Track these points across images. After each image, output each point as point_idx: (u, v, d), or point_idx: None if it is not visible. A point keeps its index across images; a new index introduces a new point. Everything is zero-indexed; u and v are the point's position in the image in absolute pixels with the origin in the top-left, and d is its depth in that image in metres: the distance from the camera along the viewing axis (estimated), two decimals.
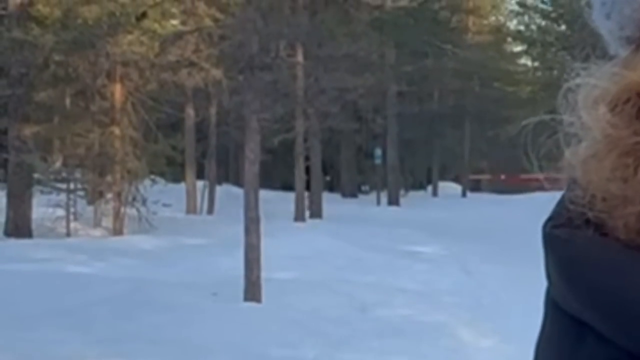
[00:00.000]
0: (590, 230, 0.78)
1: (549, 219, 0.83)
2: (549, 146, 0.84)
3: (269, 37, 15.04)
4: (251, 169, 11.44)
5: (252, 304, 10.78)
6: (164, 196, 21.61)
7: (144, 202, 20.74)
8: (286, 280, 12.52)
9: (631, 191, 0.76)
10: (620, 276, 0.75)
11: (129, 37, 18.64)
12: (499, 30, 48.13)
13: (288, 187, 30.43)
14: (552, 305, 0.82)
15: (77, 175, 21.12)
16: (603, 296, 0.75)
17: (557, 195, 0.86)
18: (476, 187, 48.76)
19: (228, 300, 10.82)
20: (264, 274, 11.09)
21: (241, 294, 10.92)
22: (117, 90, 20.35)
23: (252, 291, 10.95)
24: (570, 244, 0.79)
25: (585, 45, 0.86)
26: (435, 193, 43.26)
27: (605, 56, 0.84)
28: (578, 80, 0.82)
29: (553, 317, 0.82)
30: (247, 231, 11.20)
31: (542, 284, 0.86)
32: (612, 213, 0.77)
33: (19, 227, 18.77)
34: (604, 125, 0.78)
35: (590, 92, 0.80)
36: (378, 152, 34.93)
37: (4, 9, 19.20)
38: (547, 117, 0.84)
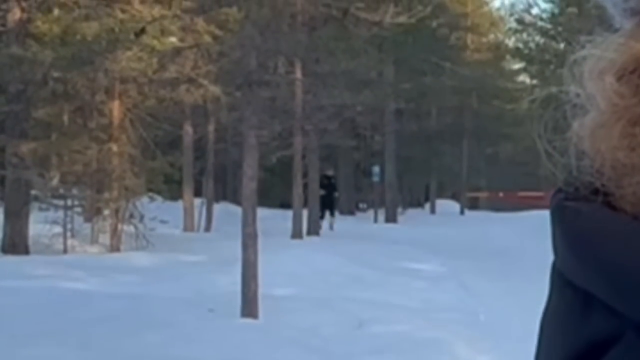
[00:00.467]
0: (598, 202, 0.78)
1: (557, 191, 0.83)
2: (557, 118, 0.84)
3: (267, 54, 15.06)
4: (249, 184, 11.43)
5: (249, 320, 10.75)
6: (162, 213, 21.57)
7: (141, 219, 20.70)
8: (283, 296, 12.49)
9: (639, 160, 0.77)
10: (628, 247, 0.74)
11: (128, 53, 18.63)
12: (498, 48, 48.25)
13: (286, 205, 30.38)
14: (558, 277, 0.82)
15: (75, 192, 21.08)
16: (610, 267, 0.75)
17: None
18: (474, 204, 48.75)
19: (225, 316, 10.79)
20: (261, 291, 11.06)
21: (238, 311, 10.89)
22: (116, 107, 20.34)
23: (249, 307, 10.92)
24: (578, 214, 0.79)
25: None
26: (433, 210, 43.17)
27: (609, 29, 0.84)
28: (584, 52, 0.82)
29: (559, 290, 0.82)
30: (245, 247, 11.18)
31: (541, 300, 0.84)
32: (621, 182, 0.77)
33: (16, 244, 18.71)
34: (611, 95, 0.78)
35: (596, 64, 0.80)
36: (376, 169, 34.88)
37: (3, 25, 19.20)
38: (555, 89, 0.85)
